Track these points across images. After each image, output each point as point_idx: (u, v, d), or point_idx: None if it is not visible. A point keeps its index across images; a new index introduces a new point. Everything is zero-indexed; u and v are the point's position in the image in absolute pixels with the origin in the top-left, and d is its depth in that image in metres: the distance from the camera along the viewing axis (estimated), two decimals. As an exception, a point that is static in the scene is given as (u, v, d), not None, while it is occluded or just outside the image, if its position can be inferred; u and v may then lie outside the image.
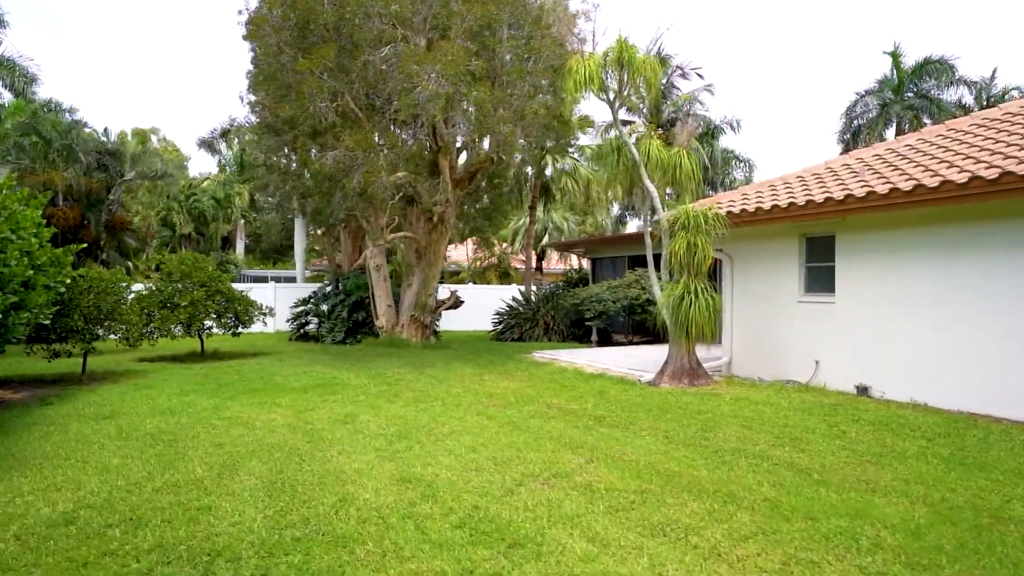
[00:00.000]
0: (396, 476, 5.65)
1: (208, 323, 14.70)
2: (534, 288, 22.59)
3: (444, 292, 19.13)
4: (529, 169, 22.22)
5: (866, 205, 8.85)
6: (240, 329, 15.26)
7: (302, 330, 20.63)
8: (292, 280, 29.21)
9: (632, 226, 39.92)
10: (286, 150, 17.62)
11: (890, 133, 32.14)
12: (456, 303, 17.28)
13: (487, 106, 11.62)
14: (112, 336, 12.20)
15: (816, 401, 8.94)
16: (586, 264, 32.63)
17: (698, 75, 29.14)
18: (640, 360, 13.73)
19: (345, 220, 19.24)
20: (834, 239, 10.17)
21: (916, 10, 66.62)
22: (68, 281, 10.69)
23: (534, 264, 30.67)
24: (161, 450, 6.57)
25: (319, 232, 21.66)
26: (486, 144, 16.97)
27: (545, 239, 32.95)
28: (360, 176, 11.99)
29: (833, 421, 7.65)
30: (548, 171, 24.63)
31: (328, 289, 20.25)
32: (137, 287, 16.15)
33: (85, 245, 13.72)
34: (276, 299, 21.89)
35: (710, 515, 4.66)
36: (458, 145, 14.55)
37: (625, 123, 31.99)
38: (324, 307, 20.10)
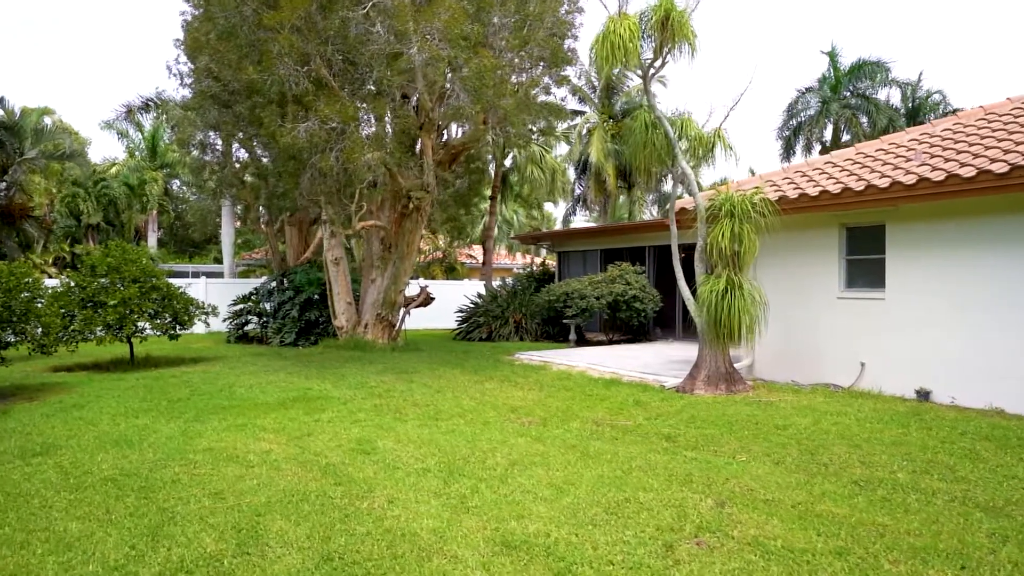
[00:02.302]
0: (493, 539, 4.14)
1: (142, 324, 12.49)
2: (497, 283, 21.10)
3: (412, 288, 17.40)
4: (489, 156, 20.69)
5: (944, 190, 7.94)
6: (179, 331, 13.14)
7: (241, 330, 18.40)
8: (219, 275, 26.53)
9: (578, 221, 38.94)
10: (219, 126, 15.34)
11: (829, 131, 32.73)
12: (427, 300, 15.61)
13: (488, 76, 10.10)
14: (27, 341, 9.95)
15: (886, 408, 7.99)
16: (545, 259, 31.43)
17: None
18: (641, 361, 12.60)
19: (293, 209, 17.16)
20: (883, 229, 9.27)
21: (851, 10, 69.26)
22: (-30, 276, 8.56)
23: (482, 259, 29.24)
24: (135, 506, 4.77)
25: (261, 223, 19.30)
26: (455, 126, 15.41)
27: (494, 233, 31.54)
28: (339, 153, 10.19)
29: (939, 436, 6.66)
30: (507, 160, 23.23)
31: (272, 285, 18.07)
32: (51, 283, 13.69)
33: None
34: (208, 296, 19.46)
35: (975, 592, 3.44)
36: (440, 122, 12.90)
37: (577, 113, 31.02)
38: (267, 305, 17.96)
